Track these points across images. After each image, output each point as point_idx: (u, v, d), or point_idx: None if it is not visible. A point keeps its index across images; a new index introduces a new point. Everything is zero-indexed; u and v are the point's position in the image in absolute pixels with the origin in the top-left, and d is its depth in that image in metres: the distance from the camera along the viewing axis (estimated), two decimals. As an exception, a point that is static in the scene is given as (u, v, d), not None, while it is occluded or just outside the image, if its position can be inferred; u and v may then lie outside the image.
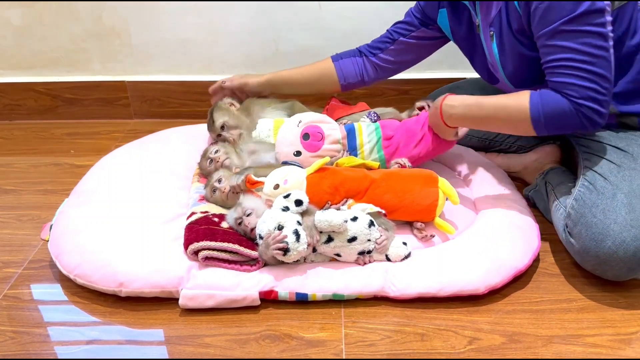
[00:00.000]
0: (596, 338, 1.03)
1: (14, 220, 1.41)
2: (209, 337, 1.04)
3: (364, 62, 1.51)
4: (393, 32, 1.47)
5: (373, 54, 1.49)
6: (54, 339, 1.05)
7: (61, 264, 1.16)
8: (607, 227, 1.07)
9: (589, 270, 1.14)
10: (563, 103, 1.08)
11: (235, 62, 1.89)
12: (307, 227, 1.11)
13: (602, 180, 1.13)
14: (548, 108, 1.09)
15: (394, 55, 1.48)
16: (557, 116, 1.09)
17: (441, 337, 1.03)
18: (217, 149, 1.39)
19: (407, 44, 1.46)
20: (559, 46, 1.07)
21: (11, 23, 1.83)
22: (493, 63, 1.28)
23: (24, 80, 1.91)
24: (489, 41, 1.25)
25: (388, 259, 1.15)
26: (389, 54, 1.48)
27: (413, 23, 1.44)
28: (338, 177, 1.22)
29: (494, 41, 1.23)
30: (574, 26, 1.05)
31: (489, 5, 1.20)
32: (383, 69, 1.51)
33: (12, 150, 1.78)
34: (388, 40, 1.47)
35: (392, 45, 1.47)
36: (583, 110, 1.07)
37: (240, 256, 1.12)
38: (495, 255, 1.14)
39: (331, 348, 1.01)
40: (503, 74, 1.26)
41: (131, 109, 1.95)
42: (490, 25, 1.22)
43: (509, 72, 1.25)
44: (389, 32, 1.48)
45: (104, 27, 1.84)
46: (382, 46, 1.48)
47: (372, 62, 1.50)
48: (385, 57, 1.48)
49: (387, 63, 1.49)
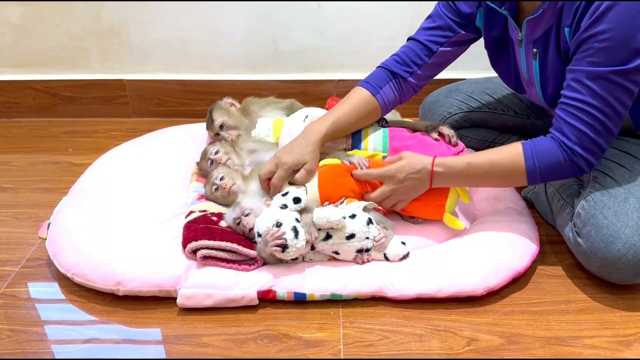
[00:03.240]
0: (595, 340, 1.03)
1: (11, 218, 1.40)
2: (207, 337, 1.04)
3: (399, 85, 1.31)
4: (429, 43, 1.28)
5: (410, 73, 1.29)
6: (51, 337, 1.05)
7: (59, 263, 1.15)
8: (618, 229, 1.06)
9: (593, 272, 1.14)
10: (557, 154, 1.07)
11: (234, 61, 1.89)
12: (305, 224, 1.11)
13: (614, 183, 1.13)
14: (543, 161, 1.08)
15: (432, 68, 1.31)
16: (552, 167, 1.08)
17: (439, 338, 1.03)
18: (217, 149, 1.38)
19: (445, 53, 1.29)
20: (592, 90, 1.03)
21: (10, 21, 1.82)
22: (530, 79, 1.21)
23: (22, 78, 1.91)
24: (530, 58, 1.18)
25: (386, 258, 1.15)
26: (427, 69, 1.30)
27: (451, 27, 1.26)
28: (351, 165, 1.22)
29: (537, 59, 1.16)
30: (617, 78, 1.01)
31: (537, 23, 1.12)
32: (419, 86, 1.34)
33: (10, 148, 1.78)
34: (426, 54, 1.28)
35: (431, 59, 1.29)
36: (576, 160, 1.07)
37: (238, 255, 1.12)
38: (494, 257, 1.14)
39: (329, 348, 1.01)
40: (541, 93, 1.20)
41: (130, 107, 1.95)
42: (535, 43, 1.15)
43: (549, 93, 1.18)
44: (421, 44, 1.28)
45: (102, 26, 1.84)
46: (419, 62, 1.29)
47: (409, 84, 1.31)
48: (422, 73, 1.30)
49: (423, 79, 1.32)
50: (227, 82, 1.90)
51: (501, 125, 1.53)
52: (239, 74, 1.91)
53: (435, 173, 1.15)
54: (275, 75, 1.91)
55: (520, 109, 1.51)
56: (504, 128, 1.54)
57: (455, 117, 1.54)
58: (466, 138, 1.54)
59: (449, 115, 1.54)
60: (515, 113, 1.51)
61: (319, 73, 1.90)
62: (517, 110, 1.51)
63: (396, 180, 1.17)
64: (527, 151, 1.10)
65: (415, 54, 1.29)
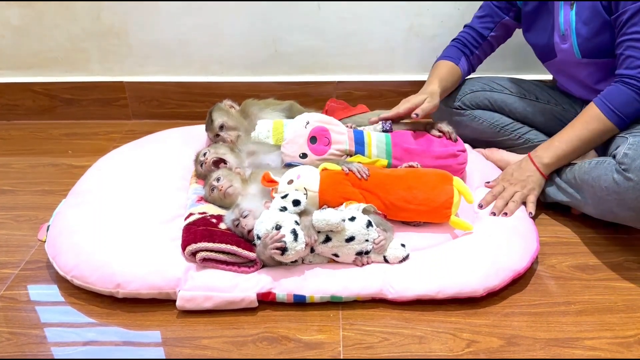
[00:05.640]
0: (595, 341, 1.03)
1: (11, 220, 1.40)
2: (206, 339, 1.04)
3: (468, 59, 1.57)
4: (482, 29, 1.53)
5: (471, 52, 1.56)
6: (50, 340, 1.05)
7: (58, 265, 1.15)
8: None
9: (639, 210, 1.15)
10: (627, 93, 1.24)
11: (233, 63, 1.89)
12: (305, 227, 1.11)
13: None
14: (619, 104, 1.25)
15: (487, 48, 1.57)
16: (629, 105, 1.24)
17: (439, 340, 1.03)
18: (205, 151, 1.39)
19: (495, 37, 1.54)
20: None
21: (10, 23, 1.83)
22: (566, 32, 1.34)
23: (22, 81, 1.91)
24: (567, 9, 1.33)
25: (386, 260, 1.15)
26: (483, 50, 1.57)
27: (497, 13, 1.50)
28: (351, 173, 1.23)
29: (573, 9, 1.32)
30: None
31: None
32: (480, 61, 1.60)
33: (10, 151, 1.78)
34: (479, 40, 1.54)
35: (484, 42, 1.55)
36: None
37: (238, 257, 1.12)
38: (493, 258, 1.14)
39: (329, 350, 1.01)
40: (575, 41, 1.33)
41: (129, 109, 1.95)
42: None
43: (582, 39, 1.32)
44: (475, 30, 1.54)
45: (102, 27, 1.84)
46: (475, 44, 1.55)
47: (472, 60, 1.57)
48: (479, 53, 1.56)
49: (482, 56, 1.59)
50: (227, 83, 1.90)
51: (521, 109, 1.56)
52: (239, 76, 1.91)
53: (541, 166, 1.32)
54: (274, 76, 1.91)
55: (541, 95, 1.56)
56: (522, 114, 1.56)
57: (477, 94, 1.57)
58: (479, 119, 1.57)
59: (471, 92, 1.58)
60: (536, 98, 1.56)
61: (318, 74, 1.91)
62: (539, 96, 1.56)
63: (510, 182, 1.33)
64: (600, 103, 1.27)
65: (472, 37, 1.55)
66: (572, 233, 1.33)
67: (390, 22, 1.81)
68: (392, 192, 1.22)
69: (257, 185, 1.26)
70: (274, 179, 1.21)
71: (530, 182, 1.32)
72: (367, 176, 1.22)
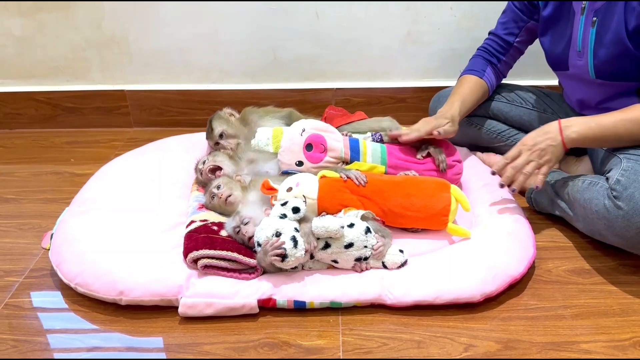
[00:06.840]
0: (591, 345, 1.04)
1: (14, 229, 1.42)
2: (208, 345, 1.05)
3: (494, 68, 1.54)
4: (506, 36, 1.50)
5: (498, 60, 1.53)
6: (54, 347, 1.06)
7: (62, 273, 1.17)
8: None
9: (629, 237, 1.14)
10: None
11: (233, 71, 1.91)
12: (304, 234, 1.12)
13: None
14: None
15: (514, 54, 1.53)
16: None
17: (437, 344, 1.04)
18: (204, 159, 1.41)
19: (520, 42, 1.50)
20: None
21: (12, 33, 1.84)
22: (583, 48, 1.29)
23: (24, 90, 1.92)
24: (588, 26, 1.27)
25: (384, 266, 1.16)
26: (509, 57, 1.53)
27: (520, 17, 1.45)
28: (349, 180, 1.25)
29: (594, 27, 1.25)
30: None
31: None
32: (509, 67, 1.57)
33: (13, 159, 1.79)
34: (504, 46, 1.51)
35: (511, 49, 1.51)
36: None
37: (239, 264, 1.13)
38: (491, 263, 1.15)
39: (329, 355, 1.02)
40: (591, 61, 1.28)
41: (131, 117, 1.97)
42: (596, 12, 1.25)
43: (599, 61, 1.27)
44: (499, 37, 1.50)
45: (103, 37, 1.85)
46: (502, 51, 1.52)
47: (499, 68, 1.54)
48: (507, 59, 1.53)
49: (510, 63, 1.55)
50: (227, 91, 1.92)
51: (516, 117, 1.57)
52: (239, 84, 1.92)
53: (564, 127, 1.24)
54: (274, 84, 1.93)
55: (537, 103, 1.57)
56: (517, 121, 1.58)
57: None
58: (475, 126, 1.59)
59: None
60: (532, 107, 1.57)
61: (317, 82, 1.92)
62: (535, 105, 1.56)
63: (527, 147, 1.26)
64: None
65: (497, 45, 1.51)
66: (568, 238, 1.34)
67: (387, 29, 1.83)
68: (390, 199, 1.23)
69: (257, 193, 1.27)
70: (274, 186, 1.22)
71: (549, 152, 1.25)
72: (365, 183, 1.24)
